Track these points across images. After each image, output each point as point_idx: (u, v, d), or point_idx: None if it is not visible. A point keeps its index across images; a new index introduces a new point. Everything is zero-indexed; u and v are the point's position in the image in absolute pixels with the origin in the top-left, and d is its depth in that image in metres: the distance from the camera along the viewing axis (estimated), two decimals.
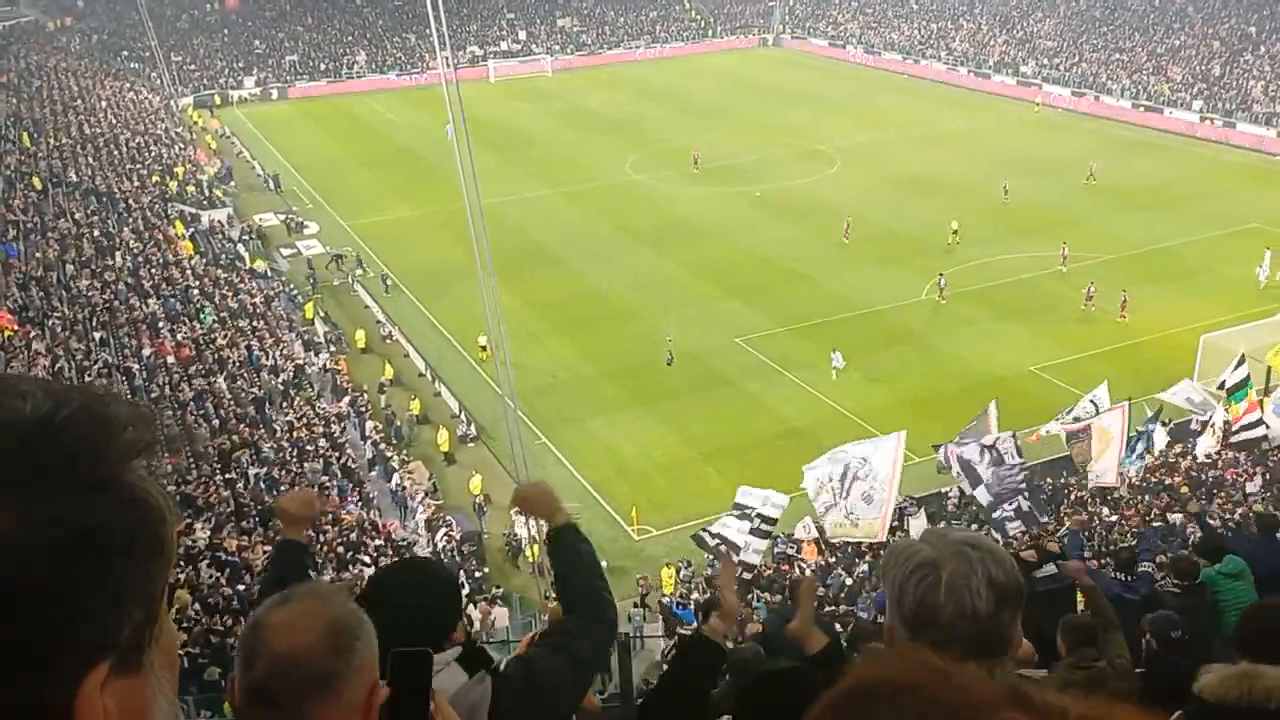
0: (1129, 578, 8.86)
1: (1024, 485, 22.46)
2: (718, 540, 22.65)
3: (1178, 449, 27.86)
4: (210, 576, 19.51)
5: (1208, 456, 26.42)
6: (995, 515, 22.45)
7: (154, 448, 0.89)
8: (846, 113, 67.36)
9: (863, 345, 35.64)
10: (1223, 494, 22.90)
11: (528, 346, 35.25)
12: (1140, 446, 25.40)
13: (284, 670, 1.68)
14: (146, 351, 31.19)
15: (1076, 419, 25.50)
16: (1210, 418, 27.17)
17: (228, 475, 25.18)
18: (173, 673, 0.95)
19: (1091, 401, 25.78)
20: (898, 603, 2.13)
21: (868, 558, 23.44)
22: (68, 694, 0.83)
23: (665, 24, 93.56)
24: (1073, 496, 25.91)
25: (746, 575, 22.37)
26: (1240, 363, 26.13)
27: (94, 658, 0.85)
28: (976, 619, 2.03)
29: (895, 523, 25.25)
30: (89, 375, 27.75)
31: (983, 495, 22.75)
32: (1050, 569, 8.63)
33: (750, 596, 21.51)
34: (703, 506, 26.46)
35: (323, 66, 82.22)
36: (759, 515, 22.38)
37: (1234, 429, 25.78)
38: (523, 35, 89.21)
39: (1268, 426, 25.57)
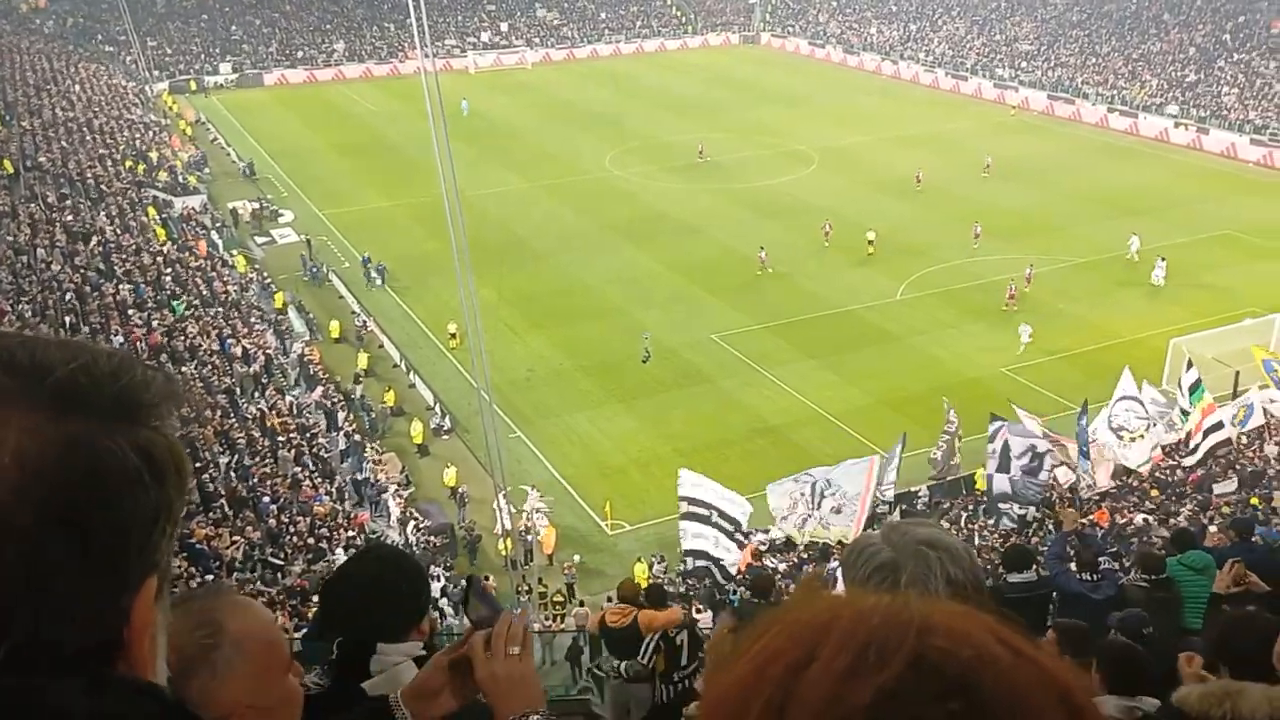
0: (1094, 576, 9.01)
1: (1038, 501, 24.09)
2: (699, 563, 23.12)
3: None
4: (177, 567, 19.37)
5: (1139, 467, 26.30)
6: (1001, 506, 23.89)
7: (174, 399, 1.06)
8: (824, 112, 67.53)
9: (838, 344, 35.81)
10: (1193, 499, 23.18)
11: (505, 340, 35.16)
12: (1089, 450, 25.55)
13: None
14: (119, 340, 30.87)
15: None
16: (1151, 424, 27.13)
17: (197, 463, 24.98)
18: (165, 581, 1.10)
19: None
20: None
21: (835, 557, 23.61)
22: (130, 603, 1.00)
23: (646, 19, 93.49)
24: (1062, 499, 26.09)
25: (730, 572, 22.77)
26: (1189, 366, 26.62)
27: (151, 568, 1.02)
28: None
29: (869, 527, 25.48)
30: None
31: (1001, 483, 23.87)
32: (1028, 576, 8.71)
33: (728, 588, 21.81)
34: (677, 503, 26.45)
35: (300, 54, 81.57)
36: (721, 515, 22.82)
37: (1198, 437, 25.78)
38: (503, 27, 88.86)
39: (1228, 427, 25.86)
